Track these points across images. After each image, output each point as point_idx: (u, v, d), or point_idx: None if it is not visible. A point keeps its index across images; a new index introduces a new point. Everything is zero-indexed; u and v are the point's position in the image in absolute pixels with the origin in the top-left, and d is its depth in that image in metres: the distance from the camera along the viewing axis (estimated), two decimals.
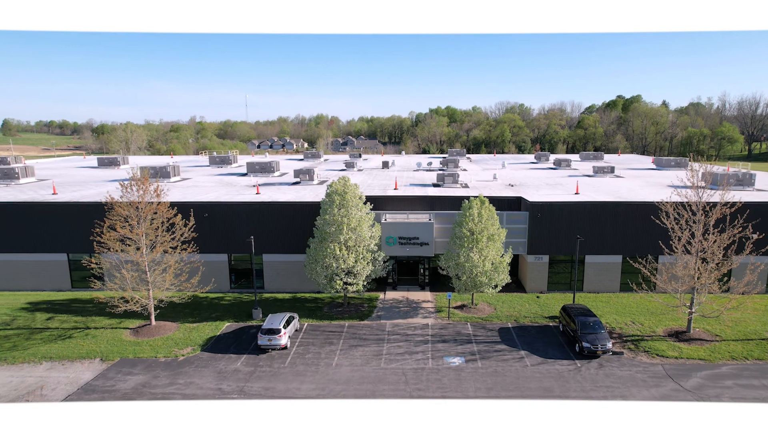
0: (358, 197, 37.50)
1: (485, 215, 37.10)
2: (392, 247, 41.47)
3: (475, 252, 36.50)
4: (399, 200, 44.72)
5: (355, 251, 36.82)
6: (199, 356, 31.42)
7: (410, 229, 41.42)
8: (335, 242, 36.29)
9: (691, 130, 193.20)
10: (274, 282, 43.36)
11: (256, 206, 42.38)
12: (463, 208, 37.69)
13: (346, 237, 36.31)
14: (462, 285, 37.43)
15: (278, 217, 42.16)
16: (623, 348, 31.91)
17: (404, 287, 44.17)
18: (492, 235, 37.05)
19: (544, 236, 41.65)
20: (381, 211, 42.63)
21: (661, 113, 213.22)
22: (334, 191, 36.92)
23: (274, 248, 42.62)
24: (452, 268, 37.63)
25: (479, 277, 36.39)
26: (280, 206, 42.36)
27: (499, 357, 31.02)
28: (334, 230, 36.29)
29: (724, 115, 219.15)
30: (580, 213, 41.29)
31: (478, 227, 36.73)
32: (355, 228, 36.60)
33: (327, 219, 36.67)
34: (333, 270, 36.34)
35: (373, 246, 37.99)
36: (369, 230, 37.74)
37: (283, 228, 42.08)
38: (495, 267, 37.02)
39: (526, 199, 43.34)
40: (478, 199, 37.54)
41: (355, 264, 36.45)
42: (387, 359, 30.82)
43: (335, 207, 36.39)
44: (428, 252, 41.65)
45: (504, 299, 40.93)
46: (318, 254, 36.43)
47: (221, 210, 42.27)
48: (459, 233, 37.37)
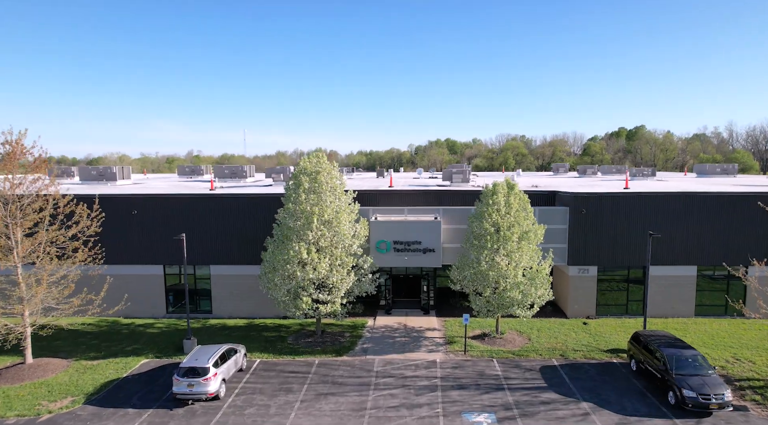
0: (335, 178, 26.73)
1: (515, 204, 26.27)
2: (385, 255, 30.43)
3: (503, 257, 25.47)
4: (395, 196, 33.99)
5: (330, 254, 25.79)
6: (77, 412, 19.95)
7: (409, 230, 30.49)
8: (301, 241, 25.31)
9: (704, 156, 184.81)
10: (226, 303, 32.05)
11: (202, 200, 31.55)
12: (484, 195, 26.86)
13: (318, 235, 25.35)
14: (483, 304, 26.23)
15: (232, 216, 31.28)
16: (743, 400, 20.51)
17: (401, 310, 32.86)
18: (526, 233, 26.11)
19: (592, 240, 30.68)
20: (370, 207, 31.77)
21: (669, 140, 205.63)
22: (302, 171, 26.20)
23: (226, 257, 31.54)
24: (469, 280, 26.50)
25: (509, 292, 25.25)
26: (235, 200, 31.52)
27: (550, 412, 19.60)
28: (301, 224, 25.37)
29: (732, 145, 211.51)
30: (644, 208, 30.41)
31: (506, 221, 25.83)
32: (331, 222, 25.68)
33: (290, 210, 25.80)
34: (298, 282, 25.21)
35: (356, 248, 26.97)
36: (351, 226, 26.82)
37: (239, 231, 31.12)
38: (531, 277, 25.93)
39: (564, 192, 32.59)
40: (504, 183, 26.77)
41: (330, 274, 25.35)
42: (373, 417, 19.41)
43: (302, 192, 25.59)
44: (434, 261, 30.61)
45: (539, 326, 29.61)
46: (277, 259, 25.37)
47: (154, 206, 31.41)
48: (479, 230, 26.43)
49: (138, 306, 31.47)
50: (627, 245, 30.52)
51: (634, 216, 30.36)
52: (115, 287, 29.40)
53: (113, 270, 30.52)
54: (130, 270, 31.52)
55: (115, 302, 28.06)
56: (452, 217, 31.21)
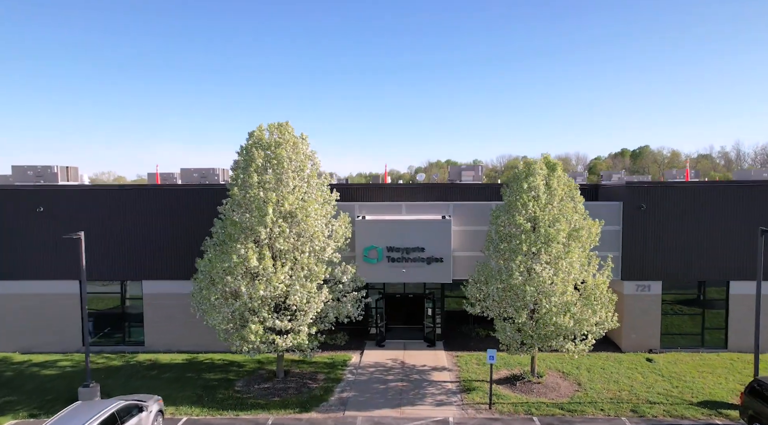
0: (304, 155, 18.87)
1: (559, 191, 18.39)
2: (376, 267, 22.47)
3: (544, 265, 17.52)
4: (389, 191, 26.15)
5: (293, 261, 17.78)
6: None
7: (409, 232, 22.57)
8: (250, 242, 17.36)
9: (714, 174, 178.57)
10: (163, 332, 23.85)
11: (131, 193, 23.65)
12: (514, 180, 18.97)
13: (274, 233, 17.41)
14: (514, 334, 18.13)
15: (171, 215, 23.37)
16: None
17: (398, 342, 24.67)
18: (576, 231, 18.17)
19: (655, 246, 22.74)
20: (356, 203, 23.87)
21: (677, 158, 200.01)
22: (256, 143, 18.34)
23: (163, 270, 23.49)
24: (495, 300, 18.43)
25: (554, 317, 17.18)
26: (174, 194, 23.62)
27: None
28: (250, 218, 17.45)
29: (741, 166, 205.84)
30: (733, 201, 22.54)
31: (548, 214, 17.93)
32: (294, 215, 17.73)
33: (237, 197, 17.93)
34: (244, 303, 17.13)
35: (331, 254, 18.96)
36: (325, 223, 18.89)
37: (181, 235, 23.14)
38: (586, 295, 17.90)
39: (611, 183, 24.79)
40: (543, 161, 18.91)
41: (292, 289, 17.29)
42: None
43: (254, 172, 17.73)
44: (442, 275, 22.63)
45: (588, 365, 21.42)
46: (215, 269, 17.33)
47: (68, 202, 23.51)
48: (508, 227, 18.53)
49: (42, 336, 23.33)
50: (704, 253, 22.55)
51: (717, 214, 22.45)
52: (9, 311, 21.34)
53: (7, 288, 22.50)
54: (31, 287, 23.43)
55: (9, 331, 20.02)
56: (467, 215, 23.29)
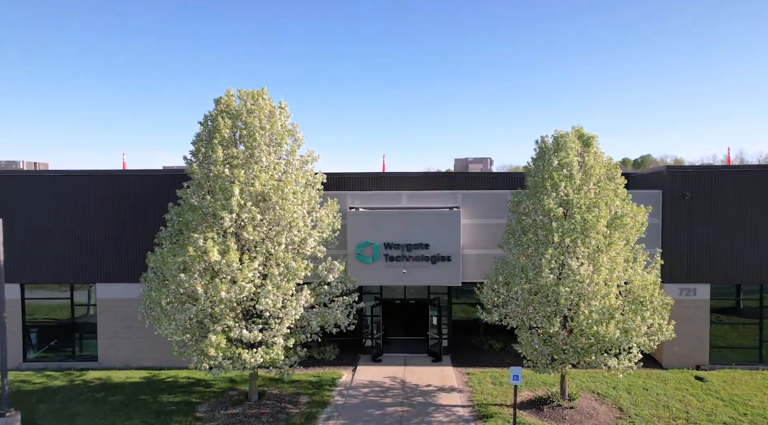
0: (282, 127, 15.31)
1: (597, 169, 14.86)
2: (371, 267, 18.94)
3: (582, 260, 13.93)
4: (387, 180, 22.61)
5: (265, 255, 14.15)
6: None
7: (410, 225, 19.04)
8: (211, 231, 13.79)
9: None
10: (120, 344, 20.14)
11: (82, 181, 20.04)
12: (541, 157, 15.40)
13: (242, 218, 13.83)
14: (542, 347, 14.46)
15: (129, 206, 19.81)
16: None
17: (397, 356, 20.96)
18: (619, 219, 14.61)
19: (703, 242, 19.18)
20: (348, 192, 20.34)
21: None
22: (223, 111, 14.79)
23: (119, 271, 19.88)
24: (519, 304, 14.77)
25: (595, 325, 13.51)
26: (134, 180, 20.04)
27: None
28: (212, 202, 13.88)
29: None
30: None
31: (584, 197, 14.40)
32: (268, 198, 14.14)
33: (196, 175, 14.41)
34: (202, 308, 13.51)
35: (314, 247, 15.35)
36: (307, 209, 15.32)
37: (140, 230, 19.50)
38: (633, 299, 14.26)
39: (646, 171, 21.23)
40: (575, 133, 15.34)
41: (263, 289, 13.63)
42: None
43: (219, 145, 14.19)
44: (449, 277, 19.07)
45: (627, 384, 17.73)
46: (167, 264, 13.67)
47: (9, 188, 19.95)
48: (533, 214, 15.02)
49: None
50: (764, 251, 18.99)
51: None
52: None
53: None
54: None
55: None
56: (479, 206, 19.76)
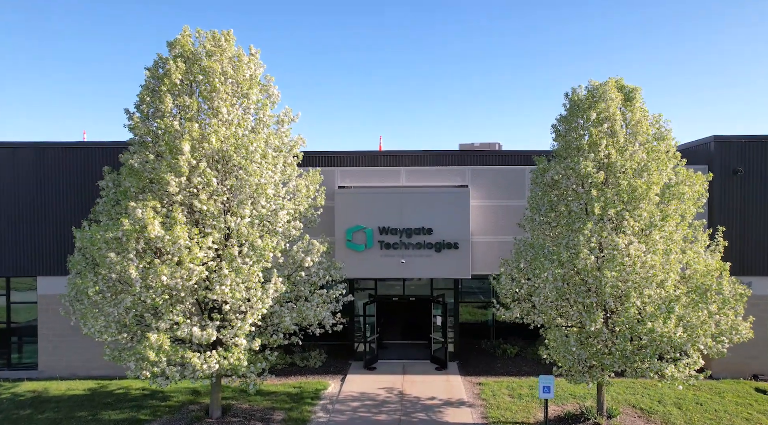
0: (252, 77, 12.21)
1: (644, 127, 11.81)
2: (363, 256, 15.88)
3: (630, 237, 10.81)
4: (384, 159, 19.53)
5: (223, 230, 11.02)
6: None
7: (410, 205, 16.01)
8: (152, 200, 10.69)
9: None
10: (66, 349, 16.96)
11: (21, 154, 16.96)
12: (574, 110, 12.31)
13: (194, 183, 10.72)
14: (577, 349, 11.26)
15: (82, 183, 16.75)
16: None
17: (394, 363, 17.77)
18: (675, 186, 11.53)
19: (763, 226, 16.11)
20: (336, 168, 17.30)
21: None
22: (179, 55, 11.70)
23: (63, 263, 16.73)
24: (550, 297, 11.57)
25: (651, 321, 10.34)
26: (84, 153, 16.93)
27: None
28: (155, 163, 10.82)
29: None
30: None
31: (631, 157, 11.34)
32: (228, 158, 11.04)
33: (138, 130, 11.34)
34: (138, 300, 10.41)
35: (288, 224, 12.21)
36: (280, 177, 12.23)
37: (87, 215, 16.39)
38: (697, 287, 11.11)
39: (688, 144, 18.22)
40: (614, 83, 12.23)
41: (220, 273, 10.50)
42: None
43: (168, 93, 11.13)
44: (457, 268, 16.00)
45: (675, 398, 14.57)
46: (96, 241, 10.55)
47: None
48: (566, 182, 11.93)
49: None
50: None
51: None
52: None
53: None
54: None
55: None
56: (491, 185, 16.74)
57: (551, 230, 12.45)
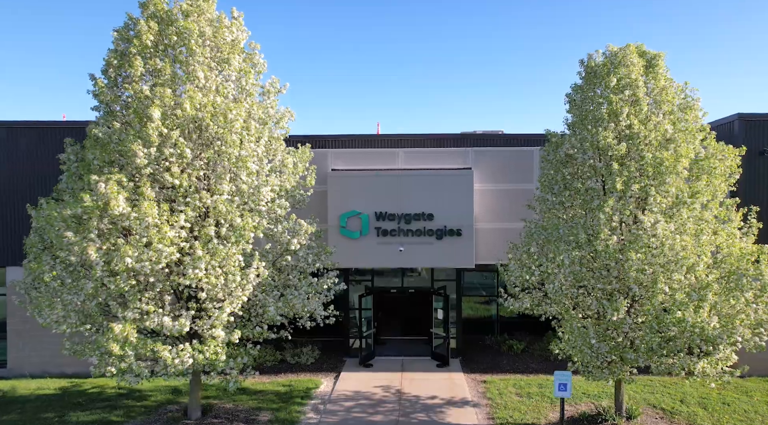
0: (233, 42, 10.98)
1: (669, 96, 10.60)
2: (359, 244, 14.68)
3: (655, 213, 9.59)
4: (381, 142, 18.29)
5: (198, 208, 9.80)
6: None
7: (409, 189, 14.81)
8: (118, 173, 9.47)
9: None
10: (37, 344, 15.74)
11: None
12: (591, 77, 11.10)
13: (165, 155, 9.49)
14: (602, 342, 10.03)
15: (54, 167, 15.51)
16: None
17: (393, 360, 16.55)
18: (705, 159, 10.34)
19: None
20: (329, 150, 16.10)
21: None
22: (152, 15, 10.47)
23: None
24: (565, 283, 10.36)
25: (681, 310, 9.12)
26: (58, 134, 15.69)
27: None
28: (123, 131, 9.62)
29: None
30: None
31: (655, 128, 10.12)
32: (204, 126, 9.83)
33: (104, 98, 10.13)
34: (99, 285, 9.22)
35: (273, 202, 10.98)
36: (263, 150, 11.00)
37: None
38: (729, 273, 9.89)
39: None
40: (634, 49, 10.99)
41: (193, 255, 9.28)
42: None
43: (138, 55, 9.91)
44: (460, 255, 14.81)
45: (699, 398, 13.35)
46: (52, 220, 9.33)
47: None
48: (582, 155, 10.71)
49: None
50: None
51: None
52: None
53: None
54: None
55: None
56: (496, 167, 15.56)
57: (565, 211, 11.25)
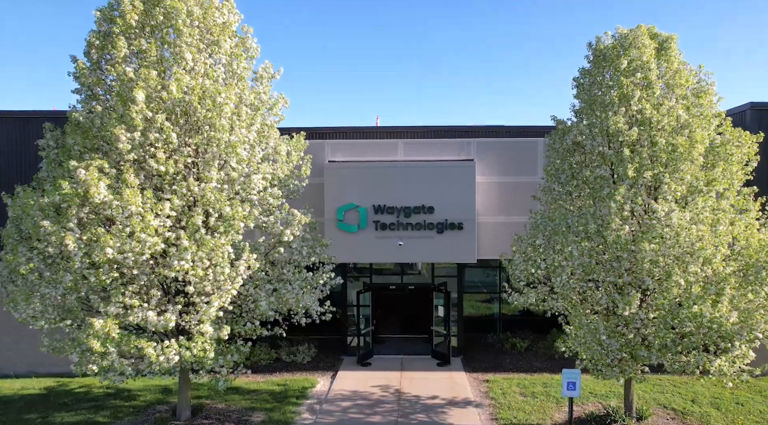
0: (223, 24, 10.40)
1: (683, 78, 10.04)
2: (356, 238, 14.12)
3: (670, 201, 9.05)
4: (380, 135, 17.74)
5: (185, 196, 9.24)
6: None
7: (409, 181, 14.26)
8: (100, 158, 8.92)
9: None
10: (23, 342, 15.15)
11: None
12: (599, 60, 10.53)
13: (150, 140, 8.93)
14: (613, 339, 9.47)
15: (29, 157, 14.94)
16: None
17: (392, 358, 16.00)
18: (721, 146, 9.78)
19: None
20: (326, 141, 15.55)
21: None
22: None
23: None
24: (574, 275, 9.81)
25: (698, 304, 8.57)
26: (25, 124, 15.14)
27: None
28: (103, 115, 9.07)
29: None
30: None
31: (668, 112, 9.56)
32: (191, 109, 9.27)
33: (85, 80, 9.58)
34: (78, 278, 8.68)
35: (265, 191, 10.41)
36: (255, 137, 10.44)
37: None
38: (748, 265, 9.33)
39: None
40: (645, 31, 10.43)
41: (179, 245, 8.72)
42: None
43: (122, 35, 9.34)
44: (462, 250, 14.27)
45: (711, 397, 12.81)
46: (28, 209, 8.79)
47: None
48: (591, 142, 10.15)
49: None
50: None
51: None
52: None
53: None
54: None
55: None
56: (500, 159, 15.02)
57: (572, 202, 10.70)
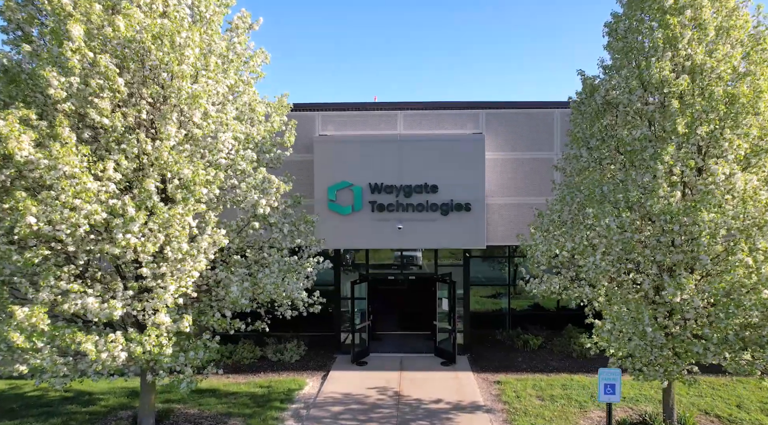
0: None
1: (742, 13, 8.36)
2: (350, 221, 12.40)
3: (731, 164, 7.35)
4: (377, 108, 16.04)
5: (136, 156, 7.55)
6: None
7: (409, 157, 12.56)
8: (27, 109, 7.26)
9: None
10: None
11: None
12: (635, 4, 8.87)
13: (90, 88, 7.25)
14: (659, 333, 7.79)
15: None
16: None
17: (390, 357, 14.28)
18: None
19: None
20: (317, 112, 13.86)
21: None
22: None
23: None
24: (613, 255, 8.12)
25: (759, 292, 6.90)
26: None
27: None
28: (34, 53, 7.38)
29: None
30: None
31: (725, 61, 7.88)
32: (143, 49, 7.57)
33: (10, 11, 7.90)
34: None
35: (237, 153, 8.69)
36: (226, 90, 8.74)
37: None
38: None
39: None
40: None
41: (125, 214, 7.03)
42: None
43: None
44: (469, 234, 12.55)
45: (759, 402, 11.13)
46: None
47: None
48: (626, 97, 8.44)
49: None
50: None
51: None
52: None
53: None
54: None
55: None
56: (511, 133, 13.32)
57: (601, 171, 9.04)
